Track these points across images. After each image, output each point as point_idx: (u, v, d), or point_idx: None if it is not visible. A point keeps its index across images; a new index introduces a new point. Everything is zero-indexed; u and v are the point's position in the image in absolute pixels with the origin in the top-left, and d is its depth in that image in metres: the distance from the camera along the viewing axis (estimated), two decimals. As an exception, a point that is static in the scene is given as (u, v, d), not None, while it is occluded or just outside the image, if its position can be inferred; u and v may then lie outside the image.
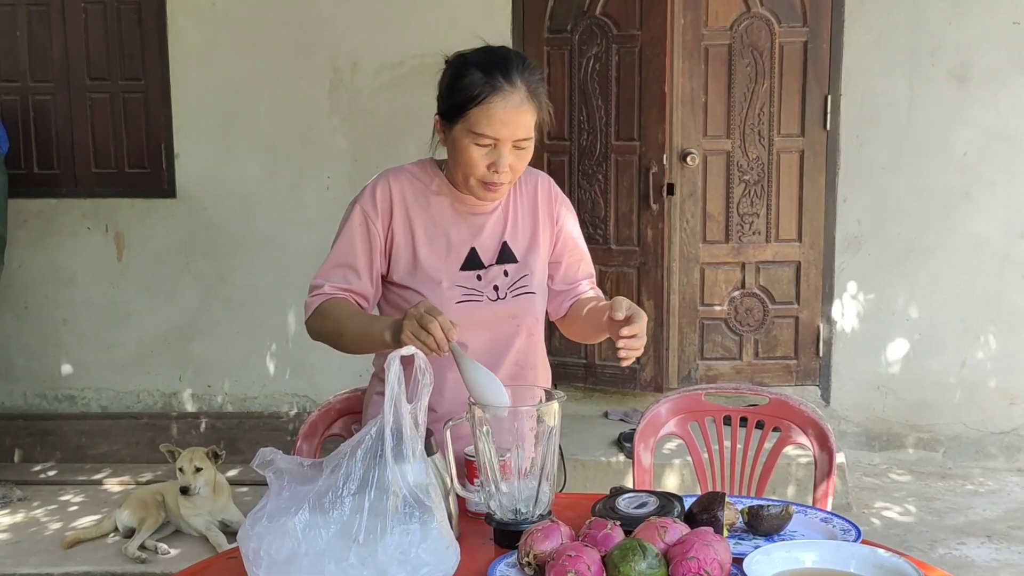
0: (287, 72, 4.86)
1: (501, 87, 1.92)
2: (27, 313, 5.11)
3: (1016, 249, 4.73)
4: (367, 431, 1.54)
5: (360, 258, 2.06)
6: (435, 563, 1.46)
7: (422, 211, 2.07)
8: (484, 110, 1.92)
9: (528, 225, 2.15)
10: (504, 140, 1.93)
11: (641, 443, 2.42)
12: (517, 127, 1.93)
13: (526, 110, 1.94)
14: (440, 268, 2.05)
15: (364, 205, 2.07)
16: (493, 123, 1.92)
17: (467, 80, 1.94)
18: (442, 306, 1.97)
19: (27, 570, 3.80)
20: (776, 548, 1.52)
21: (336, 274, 2.07)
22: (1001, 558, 3.84)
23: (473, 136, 1.94)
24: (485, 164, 1.96)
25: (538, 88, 1.97)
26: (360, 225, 2.06)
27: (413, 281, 2.05)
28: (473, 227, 2.09)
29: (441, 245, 2.07)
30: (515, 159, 1.97)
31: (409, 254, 2.07)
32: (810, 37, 4.68)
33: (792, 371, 4.88)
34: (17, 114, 4.97)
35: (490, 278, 2.07)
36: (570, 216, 2.22)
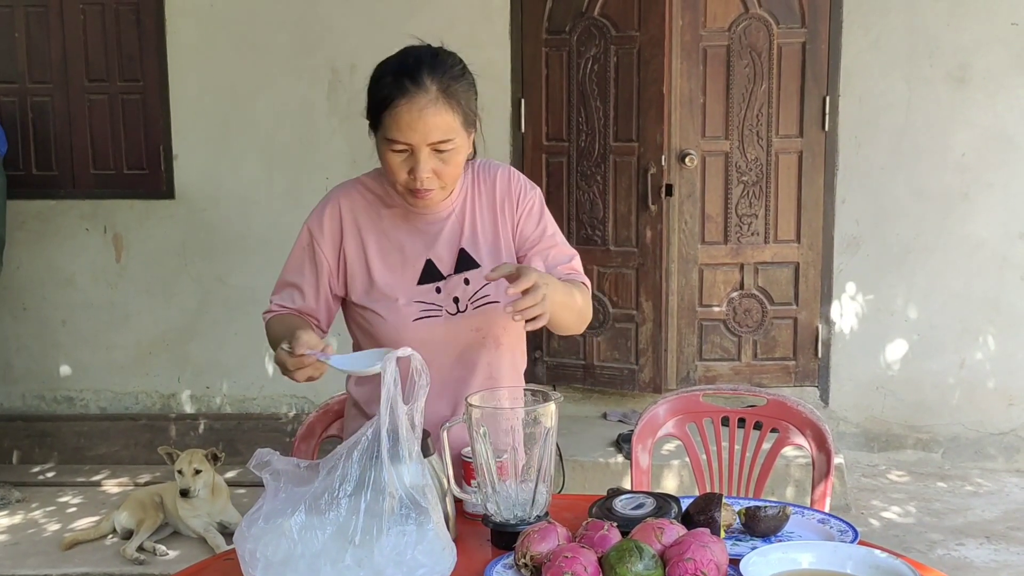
0: (286, 73, 4.86)
1: (407, 89, 1.84)
2: (25, 314, 5.11)
3: (1015, 250, 4.73)
4: (363, 432, 1.54)
5: (306, 279, 2.04)
6: (431, 564, 1.46)
7: (374, 227, 2.03)
8: (392, 115, 1.85)
9: (489, 227, 2.05)
10: (417, 145, 1.86)
11: (639, 444, 2.42)
12: (428, 130, 1.85)
13: (436, 112, 1.85)
14: (396, 285, 2.00)
15: (312, 227, 2.05)
16: (401, 127, 1.85)
17: (379, 85, 1.89)
18: (400, 325, 1.98)
19: (25, 571, 3.79)
20: (773, 549, 1.52)
21: (282, 295, 2.07)
22: (1000, 559, 3.84)
23: (388, 142, 1.88)
24: (405, 171, 1.89)
25: (453, 87, 1.87)
26: (307, 247, 2.04)
27: (370, 301, 2.01)
28: (427, 237, 2.02)
29: (396, 260, 2.01)
30: (438, 163, 1.89)
31: (364, 273, 2.02)
32: (808, 38, 4.68)
33: (791, 372, 4.88)
34: (16, 115, 4.97)
35: (449, 290, 2.00)
36: (533, 203, 2.08)
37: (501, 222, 2.05)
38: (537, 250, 2.06)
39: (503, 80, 4.83)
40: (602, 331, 4.82)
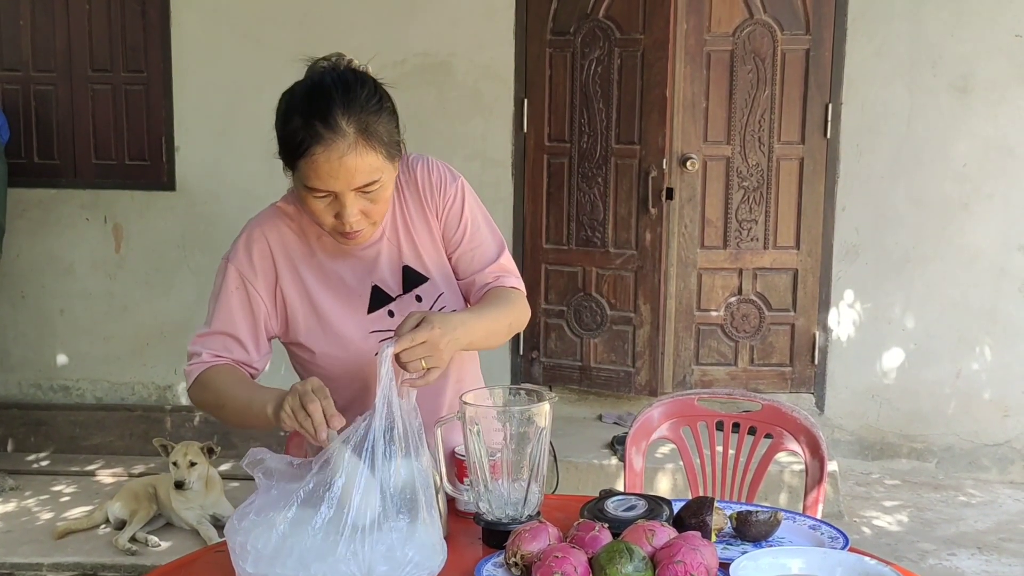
0: (289, 68, 4.82)
1: (321, 135, 1.66)
2: (24, 303, 5.11)
3: (1012, 261, 4.74)
4: (355, 428, 1.54)
5: (240, 327, 1.85)
6: (421, 561, 1.46)
7: (308, 260, 1.87)
8: (309, 163, 1.68)
9: (423, 231, 1.90)
10: (341, 191, 1.70)
11: (633, 446, 2.42)
12: (351, 176, 1.68)
13: (357, 154, 1.67)
14: (347, 321, 1.86)
15: (240, 267, 1.85)
16: (321, 176, 1.68)
17: (290, 128, 1.72)
18: (361, 363, 1.83)
19: (17, 559, 3.79)
20: (763, 554, 1.52)
21: (215, 342, 1.85)
22: (991, 570, 3.84)
23: (307, 190, 1.72)
24: (330, 215, 1.74)
25: (372, 124, 1.69)
26: (238, 290, 1.85)
27: (323, 341, 1.86)
28: (367, 262, 1.87)
29: (341, 292, 1.86)
30: (365, 203, 1.73)
31: (308, 310, 1.86)
32: (812, 45, 4.68)
33: (787, 378, 4.89)
34: (18, 103, 4.98)
35: (402, 311, 1.85)
36: (454, 200, 1.90)
37: (433, 222, 1.91)
38: (460, 252, 1.92)
39: (506, 80, 4.83)
40: (599, 333, 4.82)
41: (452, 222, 1.91)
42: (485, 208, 1.98)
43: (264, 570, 1.43)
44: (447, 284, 1.92)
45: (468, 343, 1.75)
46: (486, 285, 1.92)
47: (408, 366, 1.62)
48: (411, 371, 1.63)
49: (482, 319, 1.80)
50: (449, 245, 1.92)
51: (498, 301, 1.88)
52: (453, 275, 1.94)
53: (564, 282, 4.87)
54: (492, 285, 1.92)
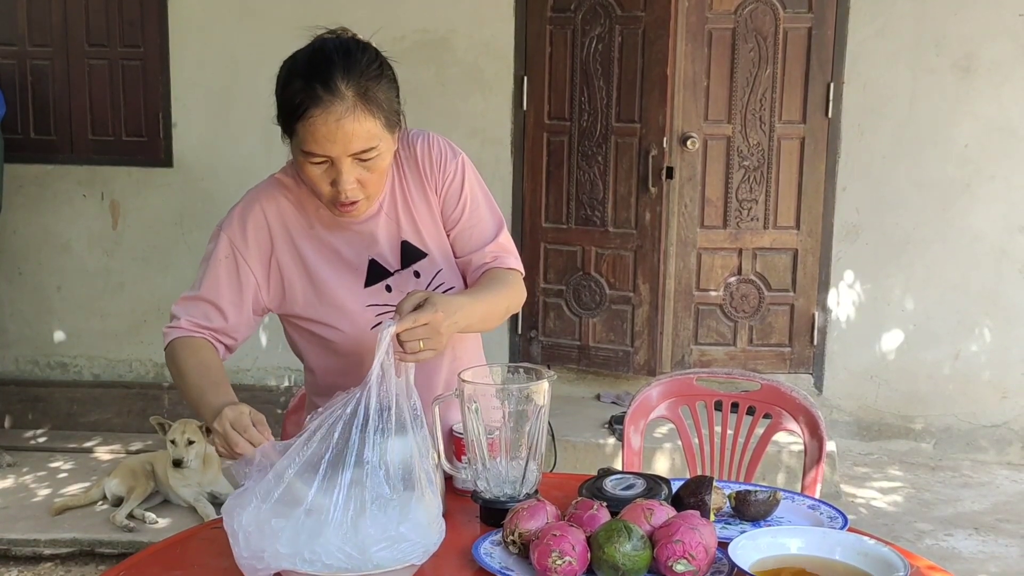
0: (287, 44, 4.80)
1: (320, 98, 1.67)
2: (20, 279, 5.10)
3: (1014, 243, 4.72)
4: (347, 404, 1.52)
5: (224, 295, 1.83)
6: (417, 539, 1.45)
7: (306, 232, 1.86)
8: (306, 126, 1.68)
9: (423, 207, 1.89)
10: (338, 156, 1.69)
11: (631, 425, 2.41)
12: (348, 140, 1.68)
13: (355, 118, 1.67)
14: (345, 292, 1.86)
15: (232, 236, 1.84)
16: (318, 139, 1.68)
17: (289, 90, 1.72)
18: (358, 336, 1.82)
19: (15, 535, 3.80)
20: (762, 533, 1.51)
21: (196, 309, 1.84)
22: (988, 550, 3.85)
23: (304, 154, 1.71)
24: (327, 183, 1.74)
25: (372, 89, 1.70)
26: (227, 259, 1.84)
27: (321, 313, 1.86)
28: (365, 236, 1.87)
29: (339, 265, 1.86)
30: (362, 172, 1.73)
31: (306, 284, 1.86)
32: (814, 24, 4.65)
33: (786, 359, 4.88)
34: (15, 79, 4.94)
35: (400, 286, 1.86)
36: (454, 177, 1.89)
37: (432, 198, 1.90)
38: (459, 230, 1.91)
39: (506, 57, 4.80)
40: (598, 313, 4.81)
41: (451, 199, 1.90)
42: (486, 186, 1.97)
43: (259, 550, 1.42)
44: (445, 261, 1.91)
45: (466, 326, 1.74)
46: (484, 265, 1.91)
47: (406, 346, 1.61)
48: (408, 351, 1.62)
49: (481, 302, 1.80)
50: (448, 222, 1.91)
51: (496, 283, 1.87)
52: (452, 252, 1.93)
53: (563, 261, 4.85)
54: (491, 266, 1.91)
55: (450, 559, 1.58)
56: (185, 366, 1.79)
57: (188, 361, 1.79)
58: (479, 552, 1.57)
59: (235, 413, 1.60)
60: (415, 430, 1.53)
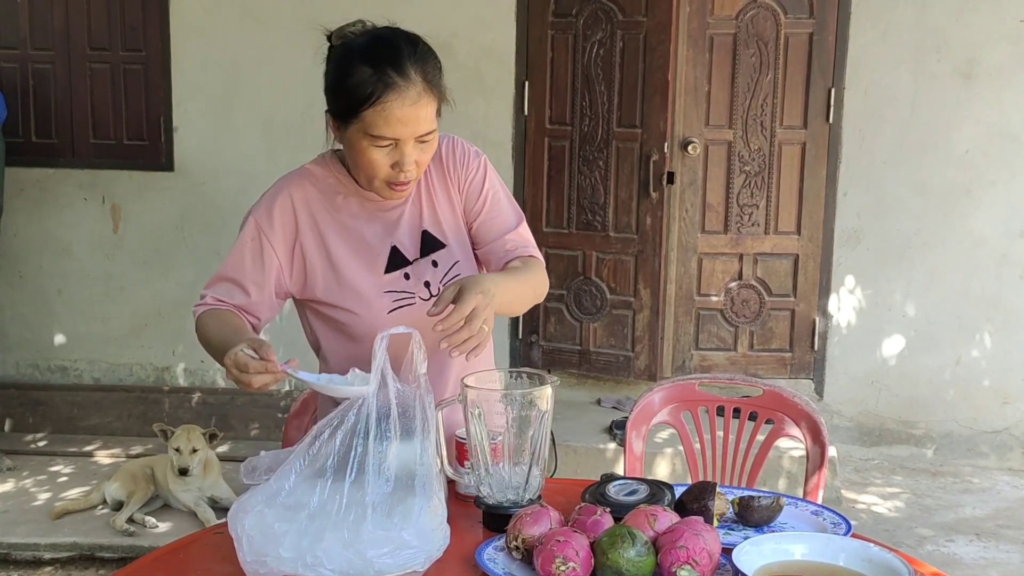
0: (288, 47, 4.83)
1: (394, 83, 1.73)
2: (21, 282, 5.09)
3: (1014, 249, 4.72)
4: (350, 409, 1.52)
5: (248, 275, 1.91)
6: (420, 545, 1.45)
7: (331, 218, 1.93)
8: (380, 111, 1.74)
9: (445, 202, 1.98)
10: (405, 138, 1.77)
11: (633, 431, 2.41)
12: (418, 123, 1.77)
13: (425, 103, 1.77)
14: (364, 277, 1.91)
15: (259, 219, 1.91)
16: (391, 124, 1.75)
17: (356, 79, 1.76)
18: (374, 320, 1.87)
19: (15, 539, 3.79)
20: (766, 539, 1.51)
21: (220, 288, 1.92)
22: (989, 556, 3.84)
23: (371, 138, 1.77)
24: (388, 164, 1.80)
25: (435, 76, 1.79)
26: (253, 240, 1.91)
27: (339, 297, 1.91)
28: (388, 223, 1.94)
29: (359, 251, 1.92)
30: (420, 154, 1.82)
31: (326, 267, 1.92)
32: (816, 29, 4.65)
33: (787, 364, 4.88)
34: (16, 82, 4.94)
35: (418, 274, 1.93)
36: (476, 173, 1.99)
37: (453, 194, 1.98)
38: (481, 220, 1.98)
39: (507, 62, 4.80)
40: (599, 317, 4.81)
41: (474, 192, 1.98)
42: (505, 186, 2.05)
43: (262, 555, 1.42)
44: (463, 253, 1.98)
45: (499, 306, 1.75)
46: (507, 252, 1.97)
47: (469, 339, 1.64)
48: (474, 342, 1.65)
49: (511, 281, 1.85)
50: (470, 214, 1.99)
51: (522, 268, 1.93)
52: (470, 245, 2.00)
53: (564, 266, 4.85)
54: (513, 254, 1.97)
55: (453, 565, 1.57)
56: (209, 329, 1.86)
57: (211, 325, 1.86)
58: (482, 558, 1.57)
59: (232, 356, 1.65)
60: (423, 435, 1.53)
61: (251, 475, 1.56)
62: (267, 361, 1.62)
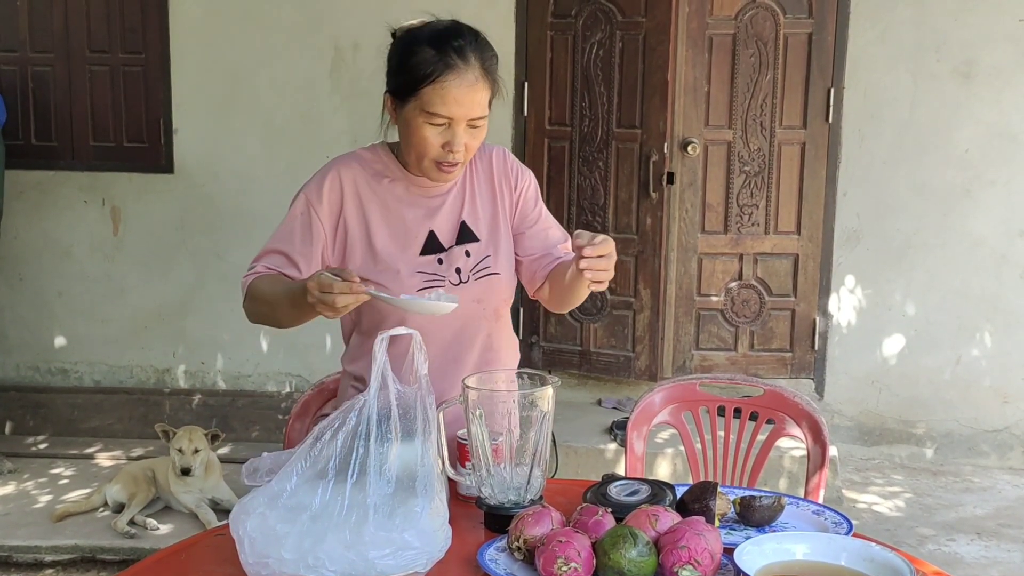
0: (288, 50, 4.83)
1: (455, 65, 1.86)
2: (22, 285, 5.09)
3: (1014, 248, 4.73)
4: (351, 410, 1.52)
5: (297, 246, 1.99)
6: (422, 546, 1.45)
7: (375, 198, 2.02)
8: (438, 89, 1.86)
9: (487, 201, 2.09)
10: (459, 119, 1.89)
11: (634, 431, 2.41)
12: (472, 106, 1.88)
13: (480, 88, 1.89)
14: (398, 255, 1.99)
15: (310, 195, 2.02)
16: (447, 102, 1.87)
17: (419, 58, 1.88)
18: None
19: (16, 542, 3.79)
20: (767, 539, 1.51)
21: (269, 260, 2.01)
22: (990, 556, 3.85)
23: (426, 115, 1.89)
24: (439, 143, 1.91)
25: (492, 65, 1.92)
26: (303, 214, 2.01)
27: (372, 272, 1.98)
28: (429, 209, 2.03)
29: (398, 231, 2.01)
30: (470, 138, 1.92)
31: (365, 243, 2.01)
32: (815, 29, 4.65)
33: (787, 364, 4.88)
34: (16, 85, 4.94)
35: (451, 261, 2.01)
36: (530, 185, 2.14)
37: (500, 200, 2.09)
38: (535, 230, 2.11)
39: (507, 63, 4.76)
40: (599, 318, 4.81)
41: (529, 203, 2.12)
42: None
43: (264, 556, 1.42)
44: (494, 249, 2.07)
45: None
46: (558, 258, 2.08)
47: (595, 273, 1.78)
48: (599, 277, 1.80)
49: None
50: (524, 223, 2.12)
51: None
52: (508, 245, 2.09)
53: (564, 267, 4.85)
54: (564, 260, 2.07)
55: (455, 566, 1.57)
56: (263, 289, 1.94)
57: (264, 285, 1.95)
58: (484, 558, 1.57)
59: (315, 278, 1.72)
60: (424, 436, 1.53)
61: (252, 476, 1.56)
62: (351, 282, 1.70)
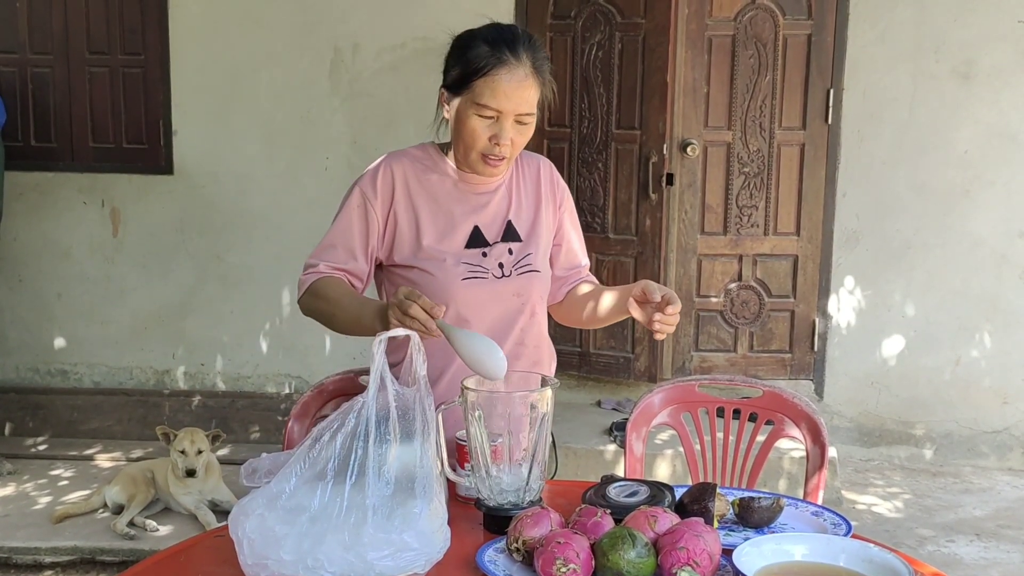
0: (288, 51, 4.83)
1: (507, 60, 1.94)
2: (21, 286, 5.09)
3: (1014, 249, 4.73)
4: (350, 412, 1.52)
5: (356, 239, 2.07)
6: (420, 548, 1.45)
7: (424, 191, 2.08)
8: (489, 82, 1.94)
9: (531, 206, 2.16)
10: (507, 113, 1.96)
11: (633, 432, 2.41)
12: (520, 101, 1.96)
13: (529, 85, 1.97)
14: (444, 247, 2.06)
15: (364, 187, 2.08)
16: (497, 95, 1.94)
17: (473, 52, 1.97)
18: (448, 283, 2.03)
19: (15, 543, 3.79)
20: (766, 540, 1.51)
21: (331, 254, 2.07)
22: (990, 556, 3.85)
23: (477, 107, 1.96)
24: (487, 136, 1.98)
25: (543, 65, 2.00)
26: (359, 207, 2.07)
27: (418, 260, 2.05)
28: (477, 205, 2.10)
29: (445, 224, 2.08)
30: (516, 133, 1.99)
31: (413, 235, 2.07)
32: (814, 30, 4.66)
33: (786, 365, 4.88)
34: (15, 86, 4.94)
35: (495, 256, 2.08)
36: (570, 202, 2.25)
37: (544, 209, 2.17)
38: (569, 243, 2.23)
39: (506, 64, 4.79)
40: (599, 319, 4.81)
41: (568, 220, 2.24)
42: None
43: (263, 558, 1.42)
44: (535, 249, 2.14)
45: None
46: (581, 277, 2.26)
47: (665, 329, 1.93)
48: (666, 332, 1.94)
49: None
50: (566, 237, 2.23)
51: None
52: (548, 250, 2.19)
53: (563, 268, 4.85)
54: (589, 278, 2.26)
55: (454, 567, 1.57)
56: (335, 296, 2.01)
57: (336, 292, 2.02)
58: (483, 560, 1.57)
59: (396, 299, 1.76)
60: (423, 437, 1.53)
61: (251, 477, 1.56)
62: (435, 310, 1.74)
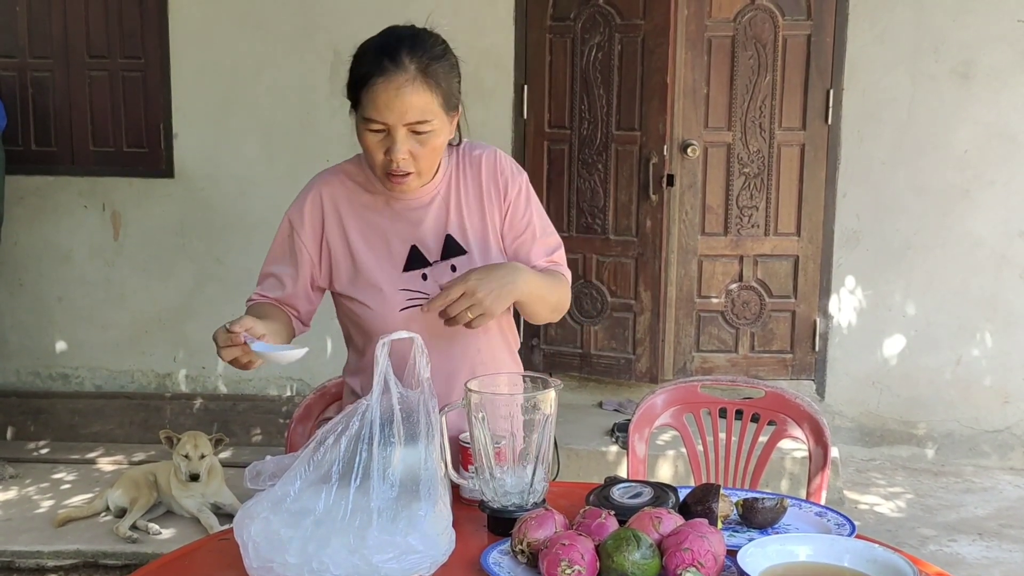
0: (287, 54, 4.84)
1: (385, 68, 1.81)
2: (22, 290, 5.09)
3: (1014, 248, 4.73)
4: (354, 415, 1.53)
5: (285, 270, 2.01)
6: (425, 550, 1.45)
7: (355, 214, 1.99)
8: (368, 93, 1.82)
9: (475, 210, 2.01)
10: (394, 124, 1.83)
11: (636, 433, 2.41)
12: (404, 110, 1.81)
13: (413, 91, 1.81)
14: (380, 272, 1.97)
15: (292, 217, 2.03)
16: (377, 106, 1.82)
17: (357, 63, 1.87)
18: (386, 315, 1.94)
19: (18, 547, 3.79)
20: (770, 541, 1.51)
21: (264, 284, 2.05)
22: (992, 556, 3.85)
23: (365, 122, 1.85)
24: (381, 152, 1.86)
25: (433, 67, 1.85)
26: (287, 237, 2.03)
27: (356, 290, 1.98)
28: (411, 223, 1.98)
29: (380, 247, 1.98)
30: (415, 145, 1.85)
31: (348, 262, 1.99)
32: (814, 30, 4.66)
33: (788, 365, 4.88)
34: (15, 90, 4.94)
35: (436, 276, 1.96)
36: (520, 191, 2.04)
37: (488, 208, 2.01)
38: (521, 241, 2.04)
39: (506, 66, 4.81)
40: (600, 320, 4.81)
41: (518, 211, 2.04)
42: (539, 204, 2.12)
43: (268, 561, 1.42)
44: (485, 259, 1.99)
45: (517, 295, 1.88)
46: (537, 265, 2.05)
47: (457, 319, 1.81)
48: (460, 323, 1.81)
49: (532, 276, 1.93)
50: (513, 230, 2.04)
51: (549, 275, 2.03)
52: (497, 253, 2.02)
53: (564, 269, 4.85)
54: (545, 267, 2.05)
55: (458, 569, 1.57)
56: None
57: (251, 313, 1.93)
58: (487, 562, 1.57)
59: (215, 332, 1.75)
60: (427, 440, 1.53)
61: (255, 480, 1.56)
62: (231, 334, 1.70)
